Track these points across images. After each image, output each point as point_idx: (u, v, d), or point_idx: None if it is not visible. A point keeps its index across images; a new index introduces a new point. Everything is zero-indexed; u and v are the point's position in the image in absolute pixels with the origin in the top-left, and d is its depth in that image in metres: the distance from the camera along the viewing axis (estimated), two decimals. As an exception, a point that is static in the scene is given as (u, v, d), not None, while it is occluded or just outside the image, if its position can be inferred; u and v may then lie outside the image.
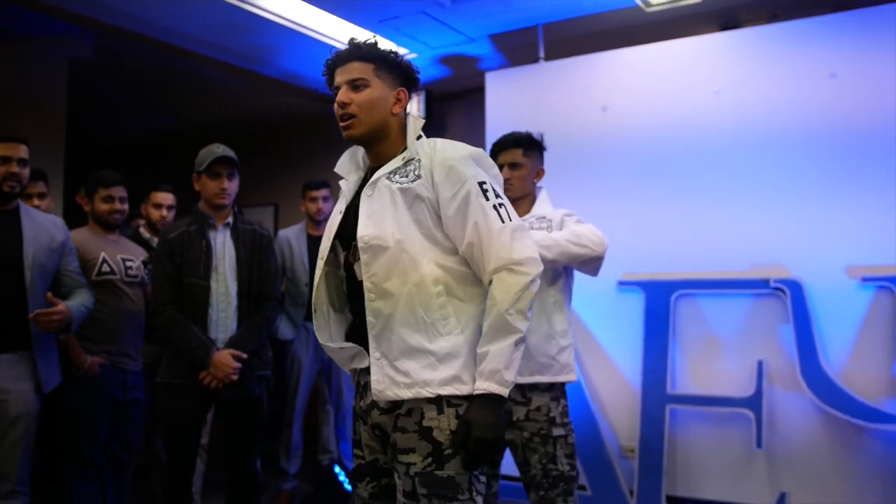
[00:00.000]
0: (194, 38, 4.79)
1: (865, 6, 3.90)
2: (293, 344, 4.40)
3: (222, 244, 3.25)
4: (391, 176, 1.91)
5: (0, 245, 2.97)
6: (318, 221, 4.46)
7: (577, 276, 2.93)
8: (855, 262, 3.68)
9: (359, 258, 1.88)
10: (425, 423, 1.81)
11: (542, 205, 2.92)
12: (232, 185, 3.28)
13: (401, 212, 1.87)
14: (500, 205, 1.88)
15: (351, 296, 1.97)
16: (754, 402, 3.71)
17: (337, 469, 4.13)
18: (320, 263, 1.96)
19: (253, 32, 4.71)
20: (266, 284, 3.33)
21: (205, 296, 3.16)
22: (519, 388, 2.76)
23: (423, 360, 1.81)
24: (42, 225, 3.12)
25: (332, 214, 2.04)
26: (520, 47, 4.91)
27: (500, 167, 2.89)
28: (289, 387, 4.41)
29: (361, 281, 1.88)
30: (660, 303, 3.97)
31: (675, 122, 4.09)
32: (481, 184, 1.87)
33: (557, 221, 2.83)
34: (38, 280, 3.01)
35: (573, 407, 3.96)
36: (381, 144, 1.99)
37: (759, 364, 3.74)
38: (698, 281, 3.92)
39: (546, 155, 3.05)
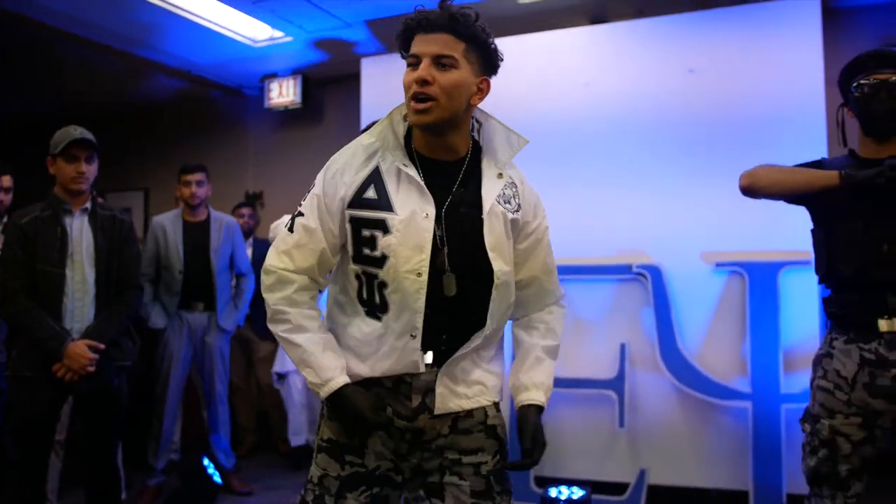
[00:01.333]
0: (63, 15, 4.57)
1: (723, 6, 4.11)
2: (165, 333, 4.27)
3: (79, 230, 3.12)
4: (499, 199, 1.74)
5: None
6: (194, 207, 4.32)
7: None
8: (710, 248, 3.89)
9: (447, 269, 1.69)
10: (489, 422, 1.78)
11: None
12: (90, 169, 3.14)
13: (510, 244, 1.77)
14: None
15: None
16: (617, 383, 3.87)
17: (206, 462, 4.04)
18: (420, 280, 1.66)
19: (127, 10, 4.53)
20: (127, 271, 3.21)
21: (59, 284, 3.02)
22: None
23: (487, 371, 1.80)
24: None
25: (406, 213, 1.67)
26: (396, 34, 4.90)
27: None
28: (159, 377, 4.28)
29: (447, 295, 1.70)
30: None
31: (545, 113, 4.18)
32: (545, 216, 1.88)
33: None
34: None
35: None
36: (453, 137, 1.73)
37: (622, 347, 3.90)
38: (567, 267, 4.02)
39: None
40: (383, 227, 1.68)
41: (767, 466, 3.65)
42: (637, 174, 4.00)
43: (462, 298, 1.70)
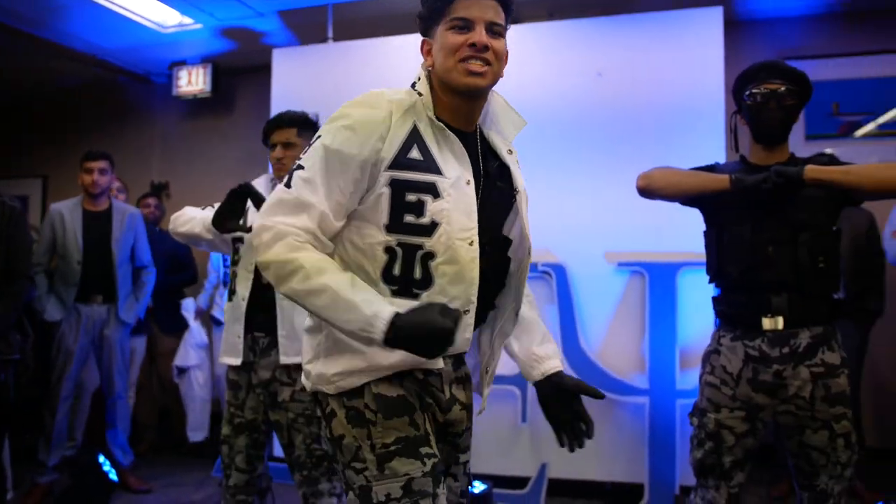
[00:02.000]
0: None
1: (631, 12, 4.21)
2: (61, 326, 4.12)
3: (-35, 217, 2.99)
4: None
5: None
6: (95, 195, 4.18)
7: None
8: (613, 248, 3.99)
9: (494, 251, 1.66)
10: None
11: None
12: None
13: None
14: None
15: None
16: (520, 379, 3.92)
17: (102, 459, 3.91)
18: (472, 249, 1.57)
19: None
20: (16, 261, 3.10)
21: (-59, 272, 2.89)
22: (285, 368, 2.75)
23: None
24: None
25: (454, 177, 1.58)
26: (309, 25, 4.86)
27: (273, 146, 2.86)
28: (53, 372, 4.12)
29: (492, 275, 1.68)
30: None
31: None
32: None
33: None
34: None
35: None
36: (477, 106, 1.69)
37: (526, 343, 3.95)
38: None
39: None
40: (433, 190, 1.55)
41: (662, 459, 3.77)
42: (544, 174, 4.05)
43: (490, 274, 1.66)
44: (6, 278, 3.04)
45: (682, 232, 3.71)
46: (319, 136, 1.57)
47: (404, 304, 1.50)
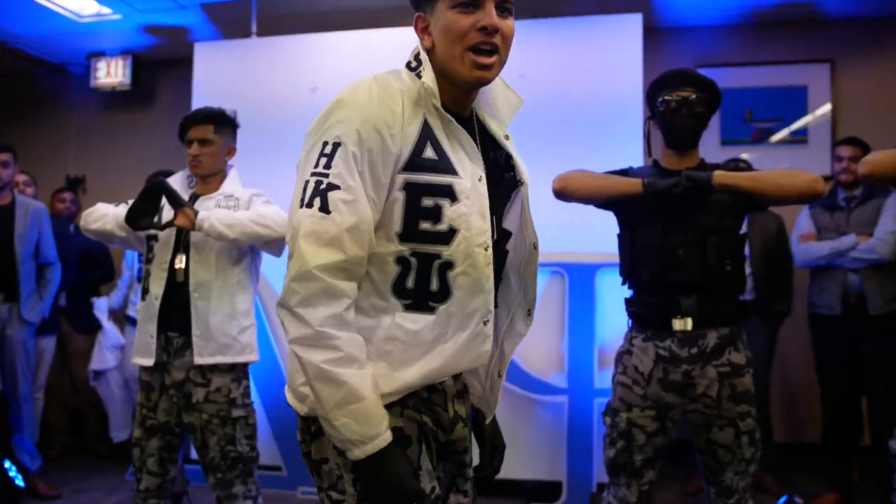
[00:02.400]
0: None
1: (554, 16, 4.28)
2: (-41, 325, 3.96)
3: None
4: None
5: None
6: None
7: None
8: (534, 249, 4.02)
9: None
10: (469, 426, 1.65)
11: (232, 183, 2.87)
12: None
13: None
14: None
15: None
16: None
17: (7, 464, 3.77)
18: (488, 255, 1.43)
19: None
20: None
21: None
22: (199, 369, 2.70)
23: None
24: None
25: (468, 177, 1.42)
26: (233, 20, 4.79)
27: (190, 143, 2.81)
28: (-47, 373, 3.96)
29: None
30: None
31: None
32: None
33: (245, 201, 2.81)
34: None
35: (271, 385, 4.00)
36: (476, 92, 1.52)
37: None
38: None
39: (253, 131, 3.00)
40: (451, 193, 1.38)
41: (580, 457, 3.83)
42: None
43: (514, 284, 1.58)
44: None
45: (601, 233, 3.76)
46: (337, 143, 1.35)
47: (419, 320, 1.39)
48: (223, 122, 2.88)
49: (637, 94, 4.03)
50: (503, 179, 1.52)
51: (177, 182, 2.87)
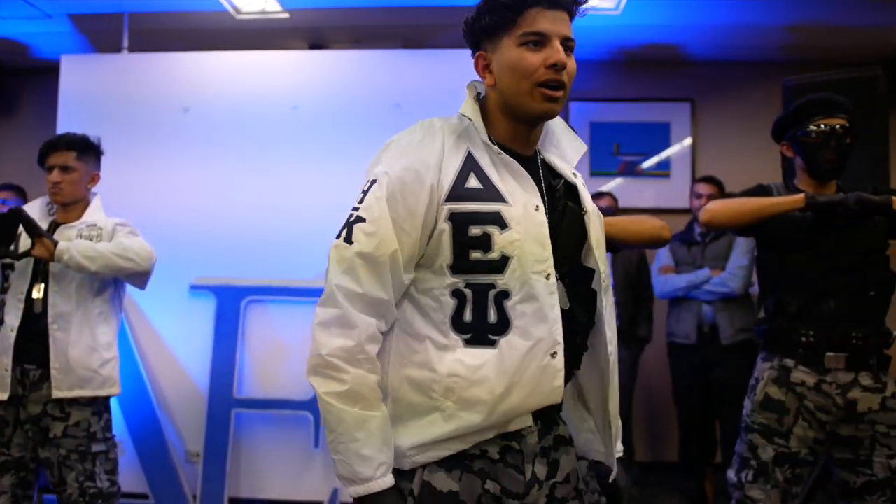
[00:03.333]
0: None
1: (431, 48, 4.37)
2: None
3: None
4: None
5: None
6: None
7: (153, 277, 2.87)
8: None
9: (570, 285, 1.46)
10: (579, 485, 1.53)
11: (95, 212, 2.80)
12: None
13: None
14: None
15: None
16: (313, 404, 3.93)
17: None
18: (550, 283, 1.39)
19: None
20: None
21: None
22: (57, 402, 2.62)
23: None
24: None
25: (520, 205, 1.41)
26: (103, 33, 4.63)
27: (50, 169, 2.73)
28: None
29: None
30: (230, 307, 4.02)
31: (253, 132, 4.15)
32: None
33: (109, 231, 2.75)
34: None
35: (139, 414, 3.90)
36: (539, 130, 1.52)
37: (321, 368, 3.97)
38: (268, 288, 4.04)
39: (123, 149, 2.93)
40: (500, 221, 1.37)
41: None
42: (338, 200, 4.08)
43: (576, 310, 1.47)
44: None
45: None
46: (373, 180, 1.41)
47: (481, 355, 1.37)
48: (86, 149, 2.80)
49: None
50: (567, 209, 1.50)
51: (35, 209, 2.78)
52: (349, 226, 1.40)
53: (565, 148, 1.58)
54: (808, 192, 2.49)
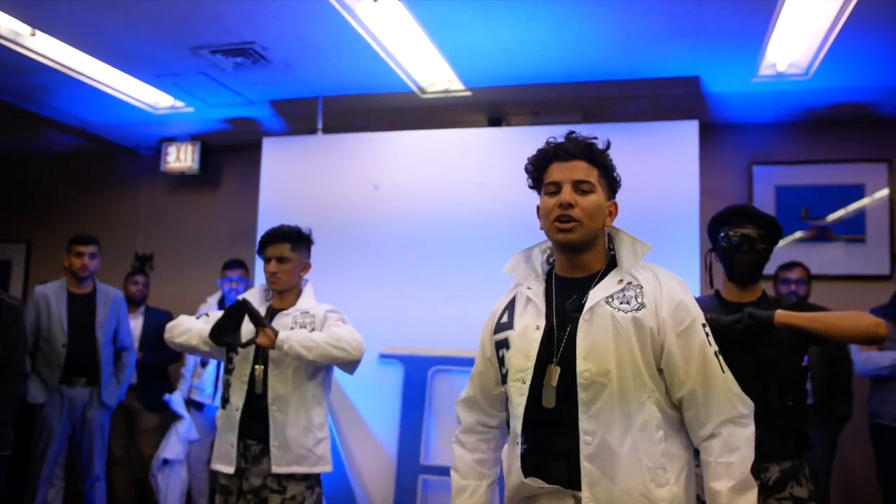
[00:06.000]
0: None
1: (611, 122, 4.38)
2: (44, 408, 4.15)
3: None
4: (609, 300, 1.77)
5: None
6: (82, 279, 4.26)
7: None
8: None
9: (552, 384, 1.75)
10: None
11: (307, 299, 3.02)
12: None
13: (623, 343, 1.73)
14: (718, 352, 1.80)
15: (529, 422, 1.76)
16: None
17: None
18: (523, 387, 1.77)
19: (23, 72, 4.43)
20: (11, 359, 3.17)
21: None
22: (275, 477, 2.82)
23: None
24: None
25: (521, 328, 1.84)
26: (299, 115, 5.00)
27: (268, 260, 2.97)
28: (35, 453, 4.14)
29: (547, 408, 1.75)
30: (417, 376, 4.18)
31: (440, 208, 4.33)
32: (704, 326, 1.80)
33: (321, 317, 2.95)
34: None
35: (332, 479, 4.09)
36: (587, 255, 1.86)
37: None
38: (454, 358, 4.17)
39: (318, 225, 3.16)
40: (506, 344, 1.86)
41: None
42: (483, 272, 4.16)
43: (569, 411, 1.72)
44: (1, 374, 3.09)
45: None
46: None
47: (511, 443, 1.83)
48: (300, 240, 3.04)
49: (694, 198, 4.09)
50: (565, 321, 1.81)
51: (255, 295, 3.03)
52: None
53: (623, 259, 1.85)
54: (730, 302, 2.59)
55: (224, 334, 2.81)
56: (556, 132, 4.22)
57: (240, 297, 2.84)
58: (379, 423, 4.26)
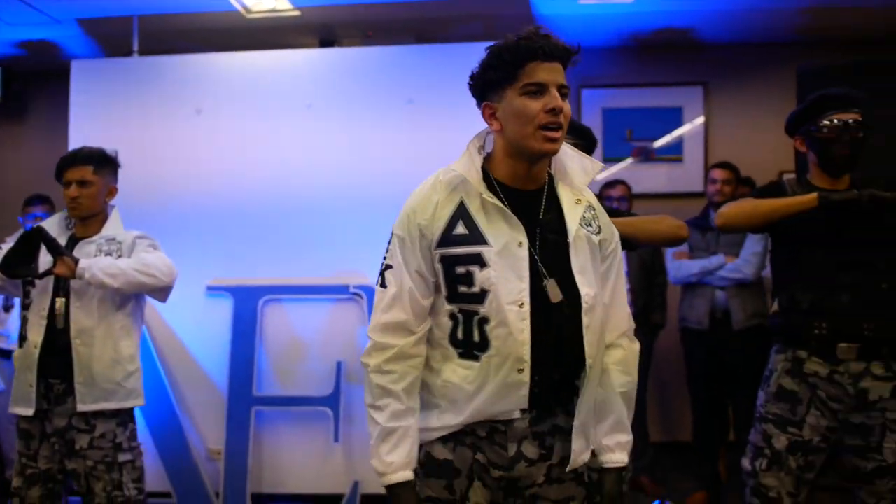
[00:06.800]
0: None
1: (444, 42, 4.35)
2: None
3: None
4: (582, 223, 1.73)
5: None
6: None
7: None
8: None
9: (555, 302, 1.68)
10: (579, 469, 1.77)
11: (113, 225, 2.84)
12: None
13: (597, 266, 1.74)
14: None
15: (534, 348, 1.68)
16: (333, 400, 3.99)
17: None
18: (523, 311, 1.65)
19: None
20: None
21: None
22: (82, 415, 2.68)
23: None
24: None
25: (501, 244, 1.66)
26: (112, 36, 4.66)
27: (68, 184, 2.76)
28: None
29: (548, 332, 1.68)
30: (248, 308, 4.06)
31: (266, 132, 4.16)
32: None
33: (129, 244, 2.78)
34: None
35: (159, 414, 3.96)
36: (540, 165, 1.74)
37: (339, 364, 4.02)
38: (285, 286, 4.08)
39: (137, 151, 2.96)
40: (479, 261, 1.65)
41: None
42: (356, 198, 4.10)
43: (559, 331, 1.68)
44: None
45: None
46: (392, 235, 1.74)
47: (469, 366, 1.67)
48: (103, 162, 2.84)
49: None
50: (547, 241, 1.71)
51: (54, 224, 2.82)
52: (382, 274, 1.74)
53: (572, 176, 1.78)
54: (822, 189, 2.50)
55: (17, 266, 2.60)
56: (390, 54, 4.24)
57: (35, 226, 2.63)
58: (208, 357, 4.12)
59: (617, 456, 1.78)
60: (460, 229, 1.68)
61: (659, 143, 5.09)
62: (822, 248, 2.49)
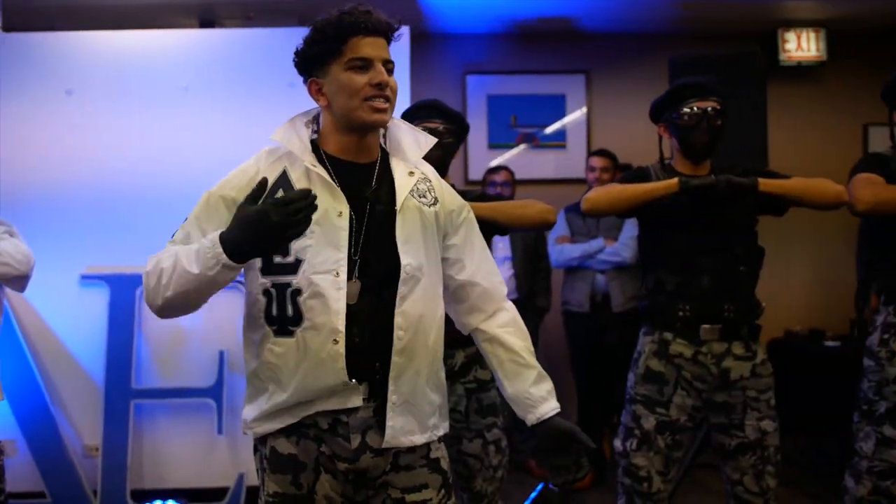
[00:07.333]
0: None
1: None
2: None
3: None
4: (413, 194, 1.73)
5: None
6: None
7: (38, 269, 2.78)
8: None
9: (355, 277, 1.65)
10: (432, 455, 1.75)
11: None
12: None
13: (429, 237, 1.73)
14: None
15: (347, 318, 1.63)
16: (216, 391, 3.90)
17: None
18: (338, 280, 1.61)
19: None
20: None
21: None
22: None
23: (437, 404, 1.76)
24: None
25: (319, 212, 1.58)
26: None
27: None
28: None
29: (359, 303, 1.64)
30: (125, 297, 3.92)
31: (143, 115, 4.02)
32: (469, 211, 1.88)
33: (-15, 231, 2.64)
34: None
35: (30, 410, 3.80)
36: (373, 139, 1.74)
37: (221, 354, 3.94)
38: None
39: (8, 138, 2.80)
40: None
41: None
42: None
43: (378, 305, 1.66)
44: None
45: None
46: (203, 196, 1.70)
47: (284, 343, 1.62)
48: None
49: (404, 103, 4.11)
50: (374, 211, 1.69)
51: None
52: (179, 228, 1.69)
53: (406, 150, 1.78)
54: (682, 175, 2.59)
55: None
56: (272, 35, 4.15)
57: None
58: (83, 349, 3.96)
59: (552, 403, 1.81)
60: (279, 195, 1.62)
61: (549, 130, 5.18)
62: (684, 232, 2.58)
